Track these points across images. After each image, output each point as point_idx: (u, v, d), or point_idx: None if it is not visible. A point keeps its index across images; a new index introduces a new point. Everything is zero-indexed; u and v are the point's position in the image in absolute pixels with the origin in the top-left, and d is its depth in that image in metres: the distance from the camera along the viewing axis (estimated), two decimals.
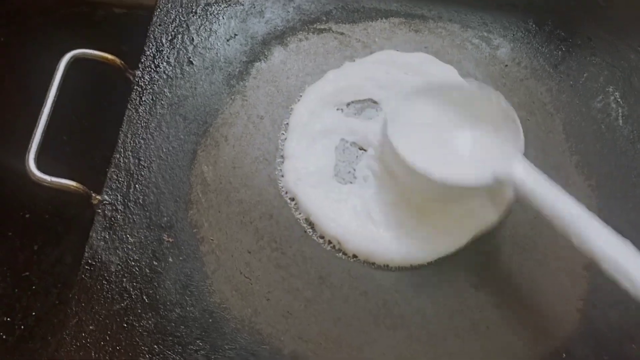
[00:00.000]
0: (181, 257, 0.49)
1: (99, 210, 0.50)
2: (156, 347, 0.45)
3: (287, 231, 0.50)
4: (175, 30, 0.58)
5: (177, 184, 0.51)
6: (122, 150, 0.52)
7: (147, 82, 0.55)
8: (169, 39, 0.58)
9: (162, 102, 0.55)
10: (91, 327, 0.46)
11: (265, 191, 0.51)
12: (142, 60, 0.56)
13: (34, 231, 0.85)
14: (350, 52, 0.57)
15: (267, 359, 0.45)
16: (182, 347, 0.45)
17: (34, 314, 0.80)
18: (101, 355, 0.45)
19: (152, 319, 0.46)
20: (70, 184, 0.50)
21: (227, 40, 0.58)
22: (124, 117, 0.54)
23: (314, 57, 0.57)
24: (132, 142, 0.53)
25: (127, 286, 0.47)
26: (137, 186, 0.51)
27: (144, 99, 0.55)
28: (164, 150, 0.53)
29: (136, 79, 0.55)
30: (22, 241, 0.84)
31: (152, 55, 0.57)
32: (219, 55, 0.57)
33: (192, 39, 0.58)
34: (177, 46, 0.57)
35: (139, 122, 0.54)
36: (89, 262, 0.48)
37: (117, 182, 0.51)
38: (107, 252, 0.48)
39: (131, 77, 0.56)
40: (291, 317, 0.47)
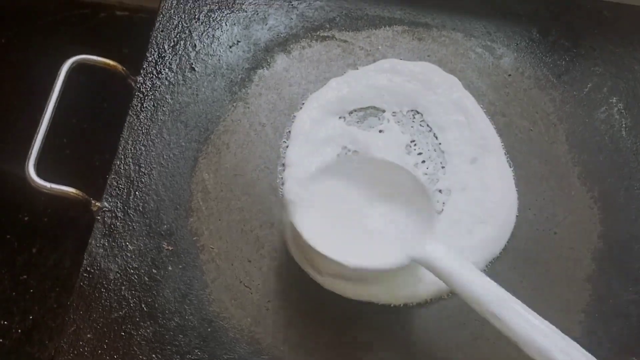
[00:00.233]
0: (181, 266, 0.48)
1: (99, 217, 0.50)
2: (154, 356, 0.45)
3: None
4: (177, 36, 0.58)
5: (177, 192, 0.51)
6: (122, 156, 0.52)
7: (148, 89, 0.55)
8: (171, 45, 0.57)
9: (164, 109, 0.54)
10: (89, 335, 0.45)
11: (266, 199, 0.51)
12: (144, 66, 0.56)
13: (32, 234, 0.84)
14: (353, 60, 0.57)
15: None
16: (181, 356, 0.45)
17: (31, 317, 0.80)
18: None
19: (151, 328, 0.46)
20: (69, 190, 0.49)
21: (230, 47, 0.58)
22: (125, 123, 0.53)
23: (317, 65, 0.57)
24: (132, 148, 0.53)
25: (126, 294, 0.47)
26: (137, 193, 0.51)
27: (145, 105, 0.54)
28: (165, 157, 0.52)
29: (138, 85, 0.55)
30: (20, 244, 0.84)
31: (154, 61, 0.56)
32: (221, 62, 0.57)
33: (195, 45, 0.57)
34: (180, 52, 0.57)
35: (140, 128, 0.53)
36: (88, 269, 0.48)
37: (117, 188, 0.51)
38: (106, 260, 0.48)
39: (133, 84, 0.55)
40: (291, 327, 0.46)
